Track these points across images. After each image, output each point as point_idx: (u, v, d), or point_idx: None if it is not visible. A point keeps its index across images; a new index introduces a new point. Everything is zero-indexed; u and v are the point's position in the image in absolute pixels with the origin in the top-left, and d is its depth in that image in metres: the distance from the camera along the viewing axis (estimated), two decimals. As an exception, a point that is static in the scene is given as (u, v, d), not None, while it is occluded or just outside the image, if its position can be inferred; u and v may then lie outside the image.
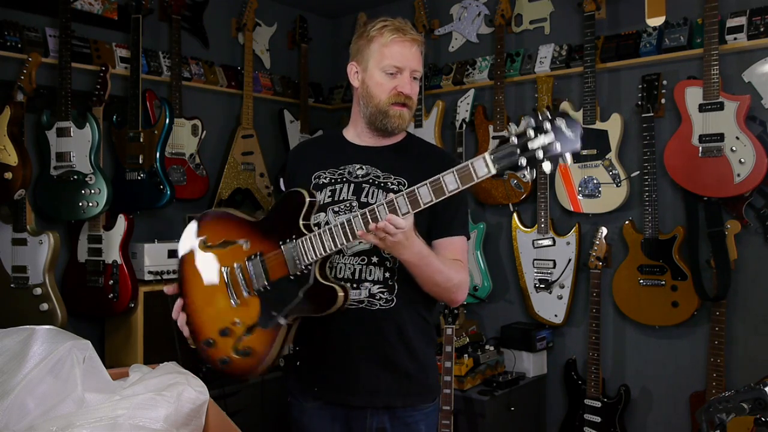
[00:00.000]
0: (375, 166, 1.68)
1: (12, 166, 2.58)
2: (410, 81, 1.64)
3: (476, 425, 2.84)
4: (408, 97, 1.64)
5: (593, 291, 2.88)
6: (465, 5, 3.60)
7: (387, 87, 1.63)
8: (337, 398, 1.66)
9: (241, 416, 2.89)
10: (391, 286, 1.62)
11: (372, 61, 1.66)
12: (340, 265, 1.62)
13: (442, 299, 1.67)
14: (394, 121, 1.64)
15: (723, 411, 1.38)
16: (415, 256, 1.49)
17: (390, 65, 1.63)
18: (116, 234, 2.85)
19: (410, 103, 1.66)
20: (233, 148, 3.53)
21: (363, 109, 1.69)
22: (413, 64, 1.65)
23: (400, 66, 1.63)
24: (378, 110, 1.65)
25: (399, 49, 1.63)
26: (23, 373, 1.19)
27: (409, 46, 1.64)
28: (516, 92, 3.39)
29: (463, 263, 1.65)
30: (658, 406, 2.97)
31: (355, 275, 1.61)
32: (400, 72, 1.63)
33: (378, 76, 1.64)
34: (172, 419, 1.25)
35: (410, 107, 1.66)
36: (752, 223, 2.68)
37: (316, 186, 1.69)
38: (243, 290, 1.56)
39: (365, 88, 1.67)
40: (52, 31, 2.88)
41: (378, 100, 1.64)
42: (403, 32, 1.64)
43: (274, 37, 3.90)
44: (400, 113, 1.64)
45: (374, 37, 1.66)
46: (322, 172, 1.70)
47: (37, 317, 2.62)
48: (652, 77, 2.83)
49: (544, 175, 1.33)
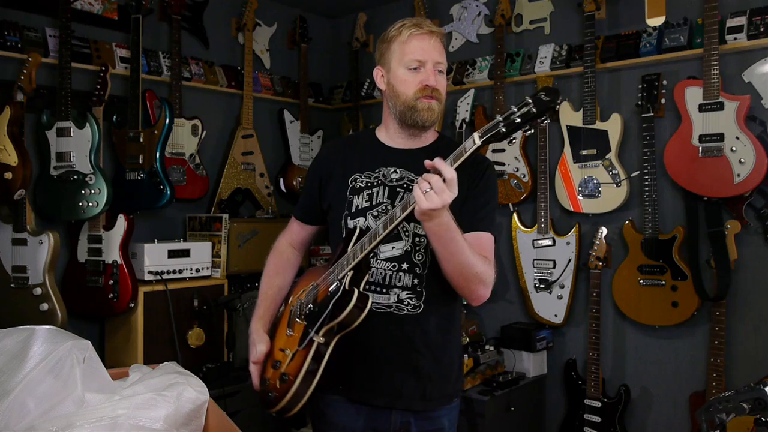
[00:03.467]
0: (408, 169, 1.68)
1: (12, 166, 2.58)
2: (434, 73, 1.63)
3: (476, 425, 2.84)
4: (435, 89, 1.63)
5: (593, 291, 2.88)
6: (465, 5, 3.61)
7: (412, 82, 1.63)
8: (361, 397, 1.68)
9: (241, 416, 2.89)
10: (419, 293, 1.64)
11: (394, 61, 1.66)
12: (372, 269, 1.64)
13: (465, 293, 1.62)
14: (423, 114, 1.63)
15: (723, 411, 1.38)
16: (444, 226, 1.46)
17: (412, 60, 1.63)
18: (116, 234, 2.85)
19: (438, 95, 1.64)
20: (233, 148, 3.54)
21: (392, 109, 1.69)
22: (435, 56, 1.64)
23: (421, 59, 1.62)
24: (406, 106, 1.64)
25: (418, 43, 1.63)
26: (23, 373, 1.19)
27: (428, 38, 1.64)
28: (516, 92, 3.39)
29: (489, 259, 1.61)
30: (658, 406, 2.97)
31: (386, 280, 1.64)
32: (423, 65, 1.63)
33: (402, 73, 1.64)
34: (172, 419, 1.25)
35: (439, 99, 1.65)
36: (752, 223, 2.68)
37: (353, 190, 1.70)
38: (296, 318, 1.62)
39: (391, 88, 1.67)
40: (52, 31, 2.88)
41: (405, 97, 1.64)
42: (420, 27, 1.64)
43: (274, 37, 3.91)
44: (429, 105, 1.63)
45: (394, 37, 1.67)
46: (359, 175, 1.71)
47: (37, 317, 2.62)
48: (652, 77, 2.83)
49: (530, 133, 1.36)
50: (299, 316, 1.62)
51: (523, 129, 1.33)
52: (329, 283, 1.57)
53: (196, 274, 3.09)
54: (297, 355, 1.55)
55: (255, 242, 3.37)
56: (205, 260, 3.14)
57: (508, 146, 3.29)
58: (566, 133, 3.08)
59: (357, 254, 1.51)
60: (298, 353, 1.55)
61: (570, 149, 3.07)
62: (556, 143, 3.17)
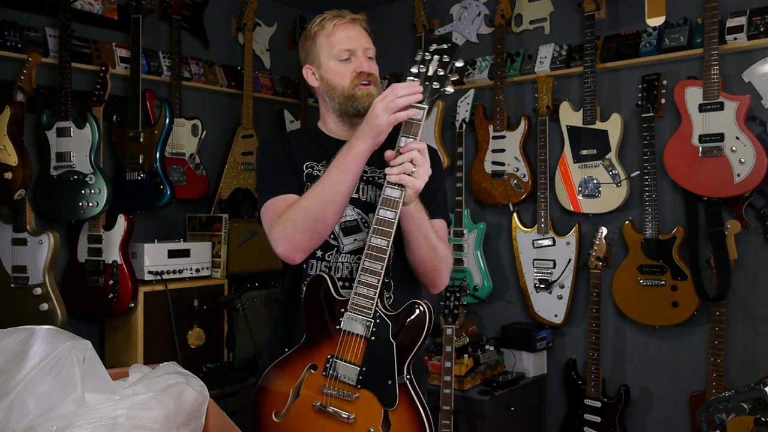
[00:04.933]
0: None
1: (12, 166, 2.58)
2: (366, 59, 1.63)
3: (476, 425, 2.84)
4: (370, 74, 1.63)
5: (593, 291, 2.88)
6: (465, 5, 3.60)
7: (346, 72, 1.62)
8: None
9: (241, 416, 2.89)
10: (387, 283, 1.61)
11: (323, 55, 1.65)
12: (337, 264, 1.61)
13: (430, 279, 1.61)
14: (363, 100, 1.61)
15: (723, 411, 1.38)
16: (420, 205, 1.49)
17: (341, 51, 1.62)
18: (116, 234, 2.85)
19: (374, 79, 1.64)
20: (233, 148, 3.53)
21: (330, 103, 1.67)
22: (363, 43, 1.64)
23: (350, 48, 1.62)
24: (345, 96, 1.63)
25: (344, 33, 1.63)
26: (23, 373, 1.19)
27: (352, 26, 1.64)
28: (516, 92, 3.39)
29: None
30: (658, 406, 2.97)
31: (353, 274, 1.60)
32: (353, 54, 1.62)
33: (333, 65, 1.63)
34: (172, 419, 1.25)
35: (375, 84, 1.64)
36: (752, 223, 2.68)
37: (310, 177, 1.64)
38: (347, 395, 1.46)
39: (326, 83, 1.66)
40: (52, 31, 2.88)
41: (342, 88, 1.63)
42: (341, 17, 1.64)
43: (274, 37, 3.91)
44: (368, 91, 1.62)
45: (317, 33, 1.66)
46: (315, 163, 1.66)
47: (37, 317, 2.61)
48: (652, 77, 2.83)
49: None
50: (349, 393, 1.45)
51: (448, 72, 1.42)
52: (355, 336, 1.45)
53: (196, 274, 3.09)
54: (394, 416, 1.43)
55: (255, 242, 3.36)
56: (205, 260, 3.14)
57: (508, 146, 3.30)
58: (566, 133, 3.08)
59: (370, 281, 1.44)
60: (395, 413, 1.43)
61: (570, 149, 3.07)
62: (556, 143, 3.17)
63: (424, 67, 1.44)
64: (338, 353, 1.47)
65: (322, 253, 1.61)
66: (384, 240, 1.43)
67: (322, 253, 1.61)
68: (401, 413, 1.44)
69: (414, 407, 1.44)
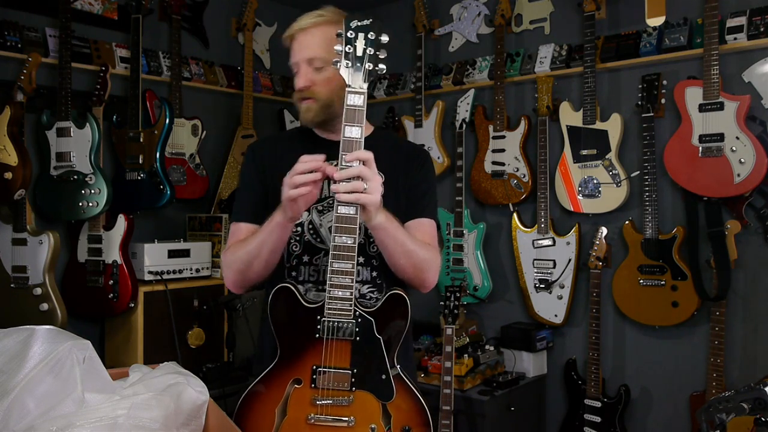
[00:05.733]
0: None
1: (12, 166, 2.58)
2: (304, 73, 1.58)
3: (476, 425, 2.84)
4: (305, 89, 1.57)
5: (593, 291, 2.87)
6: (465, 5, 3.60)
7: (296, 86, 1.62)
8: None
9: (241, 416, 2.89)
10: (380, 285, 1.61)
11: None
12: (326, 267, 1.56)
13: (416, 282, 1.59)
14: (304, 116, 1.60)
15: (723, 411, 1.38)
16: (389, 216, 1.45)
17: (292, 64, 1.61)
18: (116, 234, 2.85)
19: (312, 94, 1.57)
20: (233, 148, 3.54)
21: None
22: (305, 53, 1.57)
23: (294, 61, 1.60)
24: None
25: (295, 44, 1.60)
26: (23, 373, 1.19)
27: (302, 36, 1.59)
28: (516, 92, 3.39)
29: (431, 244, 1.59)
30: (658, 406, 2.97)
31: None
32: (297, 67, 1.60)
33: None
34: (172, 419, 1.25)
35: (316, 98, 1.57)
36: (752, 223, 2.68)
37: None
38: (342, 400, 1.44)
39: None
40: (52, 31, 2.88)
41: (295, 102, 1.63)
42: (294, 26, 1.61)
43: (274, 37, 3.90)
44: (307, 107, 1.59)
45: (286, 41, 1.65)
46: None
47: (37, 317, 2.62)
48: (652, 77, 2.83)
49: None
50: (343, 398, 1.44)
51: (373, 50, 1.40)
52: (334, 341, 1.43)
53: (196, 274, 3.09)
54: (393, 408, 1.44)
55: (255, 242, 3.36)
56: (205, 260, 3.14)
57: (508, 146, 3.30)
58: (566, 133, 3.08)
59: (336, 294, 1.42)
60: (393, 405, 1.44)
61: (570, 149, 3.07)
62: (556, 143, 3.17)
63: (351, 48, 1.40)
64: (324, 361, 1.43)
65: (309, 257, 1.60)
66: (349, 237, 1.39)
67: (310, 257, 1.60)
68: (399, 402, 1.45)
69: (410, 392, 1.47)
